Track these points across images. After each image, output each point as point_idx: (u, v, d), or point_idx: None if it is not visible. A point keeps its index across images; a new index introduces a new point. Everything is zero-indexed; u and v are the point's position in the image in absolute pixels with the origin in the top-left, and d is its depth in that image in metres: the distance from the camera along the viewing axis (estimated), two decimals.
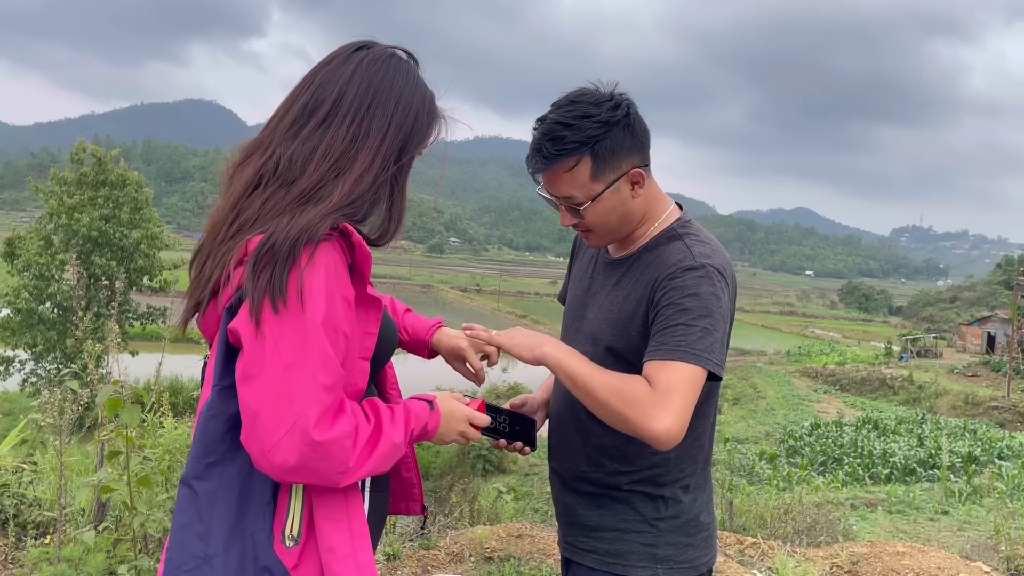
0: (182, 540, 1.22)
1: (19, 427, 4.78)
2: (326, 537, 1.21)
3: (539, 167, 1.60)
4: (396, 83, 1.34)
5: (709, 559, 1.69)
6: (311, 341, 1.14)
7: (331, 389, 1.15)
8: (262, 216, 1.23)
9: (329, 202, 1.23)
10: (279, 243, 1.17)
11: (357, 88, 1.31)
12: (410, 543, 4.38)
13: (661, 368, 1.46)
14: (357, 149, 1.29)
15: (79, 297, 5.66)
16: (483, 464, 18.88)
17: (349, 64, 1.33)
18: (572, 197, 1.58)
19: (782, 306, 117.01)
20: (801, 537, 6.29)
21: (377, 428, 1.23)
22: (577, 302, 1.81)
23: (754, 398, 35.33)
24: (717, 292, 1.52)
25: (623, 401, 1.44)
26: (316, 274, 1.17)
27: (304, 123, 1.30)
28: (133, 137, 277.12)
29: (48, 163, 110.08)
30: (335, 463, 1.15)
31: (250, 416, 1.14)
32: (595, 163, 1.55)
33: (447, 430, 1.41)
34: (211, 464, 1.23)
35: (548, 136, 1.55)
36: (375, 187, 1.30)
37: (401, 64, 1.38)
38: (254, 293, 1.16)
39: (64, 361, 23.73)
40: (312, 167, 1.26)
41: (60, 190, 25.03)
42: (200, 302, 1.28)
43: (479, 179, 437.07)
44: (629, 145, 1.58)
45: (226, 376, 1.22)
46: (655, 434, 1.41)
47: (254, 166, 1.28)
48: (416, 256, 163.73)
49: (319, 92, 1.31)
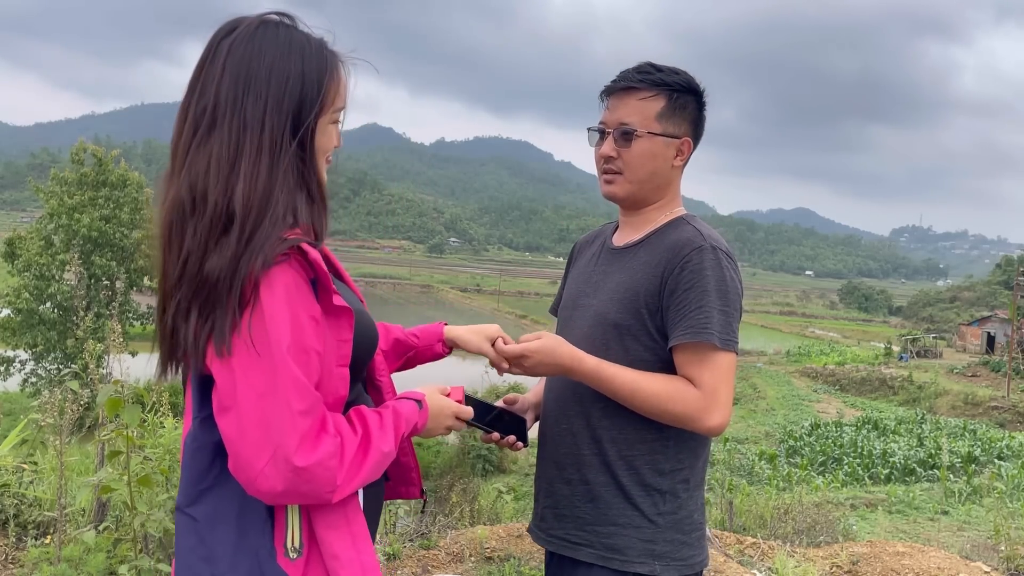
0: (188, 565, 1.23)
1: (19, 427, 4.77)
2: (329, 545, 1.22)
3: (617, 86, 1.70)
4: (265, 57, 1.22)
5: (703, 559, 1.69)
6: (279, 369, 1.12)
7: (307, 413, 1.13)
8: (196, 252, 1.17)
9: (236, 221, 1.15)
10: (214, 285, 1.14)
11: (228, 82, 1.21)
12: (410, 543, 4.38)
13: (700, 365, 1.57)
14: (241, 146, 1.19)
15: (80, 297, 5.67)
16: (483, 464, 18.86)
17: (218, 58, 1.23)
18: (631, 123, 1.67)
19: (782, 306, 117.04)
20: (801, 537, 6.29)
21: (365, 439, 1.23)
22: (578, 292, 1.81)
23: (754, 398, 35.32)
24: (732, 274, 1.61)
25: (675, 404, 1.56)
26: (276, 299, 1.14)
27: (193, 138, 1.21)
28: (133, 137, 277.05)
29: (48, 163, 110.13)
30: (322, 484, 1.15)
31: (233, 447, 1.14)
32: (667, 106, 1.67)
33: (434, 426, 1.42)
34: (204, 490, 1.24)
35: (638, 69, 1.69)
36: (276, 179, 1.19)
37: (268, 32, 1.24)
38: (200, 339, 1.15)
39: (64, 361, 23.75)
40: (211, 185, 1.17)
41: (60, 190, 25.06)
42: (174, 352, 1.24)
43: (479, 179, 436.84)
44: (694, 118, 1.72)
45: (204, 407, 1.23)
46: (709, 430, 1.58)
47: (171, 199, 1.21)
48: (416, 256, 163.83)
49: (200, 100, 1.22)
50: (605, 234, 1.87)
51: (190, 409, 1.28)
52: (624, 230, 1.79)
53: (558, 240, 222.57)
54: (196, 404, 1.24)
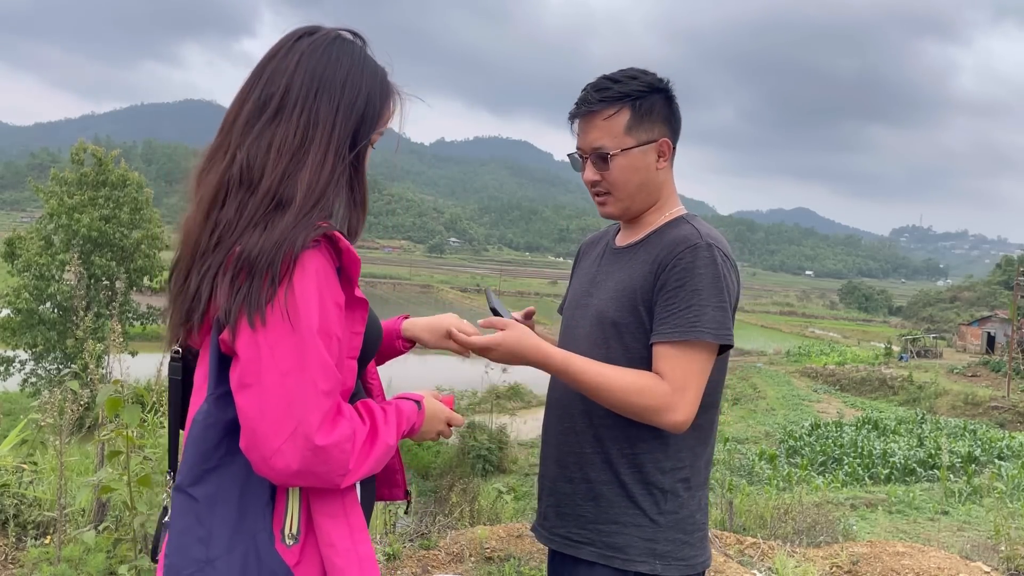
0: (182, 546, 1.22)
1: (19, 427, 4.78)
2: (326, 533, 1.23)
3: (580, 112, 1.69)
4: (341, 67, 1.31)
5: (705, 559, 1.69)
6: (308, 348, 1.15)
7: (330, 394, 1.16)
8: (239, 224, 1.22)
9: (295, 204, 1.21)
10: (254, 258, 1.16)
11: (302, 78, 1.28)
12: (410, 543, 4.38)
13: (671, 359, 1.56)
14: (310, 140, 1.26)
15: (79, 297, 5.66)
16: (483, 464, 18.87)
17: (293, 54, 1.30)
18: (603, 147, 1.66)
19: (782, 306, 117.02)
20: (801, 537, 6.29)
21: (373, 430, 1.25)
22: (581, 292, 1.82)
23: (754, 398, 35.33)
24: (724, 271, 1.59)
25: (641, 396, 1.54)
26: (308, 281, 1.17)
27: (255, 121, 1.27)
28: (133, 137, 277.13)
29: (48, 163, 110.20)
30: (336, 466, 1.17)
31: (249, 424, 1.15)
32: (632, 117, 1.66)
33: (428, 429, 1.45)
34: (208, 470, 1.23)
35: (595, 87, 1.68)
36: (335, 178, 1.27)
37: (346, 46, 1.34)
38: (233, 308, 1.16)
39: (64, 361, 23.75)
40: (270, 166, 1.24)
41: (60, 190, 25.04)
42: (191, 315, 1.26)
43: (479, 179, 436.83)
44: (665, 116, 1.70)
45: (221, 384, 1.23)
46: (674, 424, 1.55)
47: (217, 171, 1.27)
48: (416, 256, 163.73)
49: (267, 87, 1.29)
50: (609, 235, 1.89)
51: (198, 387, 1.28)
52: (626, 231, 1.81)
53: (558, 240, 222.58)
54: (213, 380, 1.23)
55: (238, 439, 1.19)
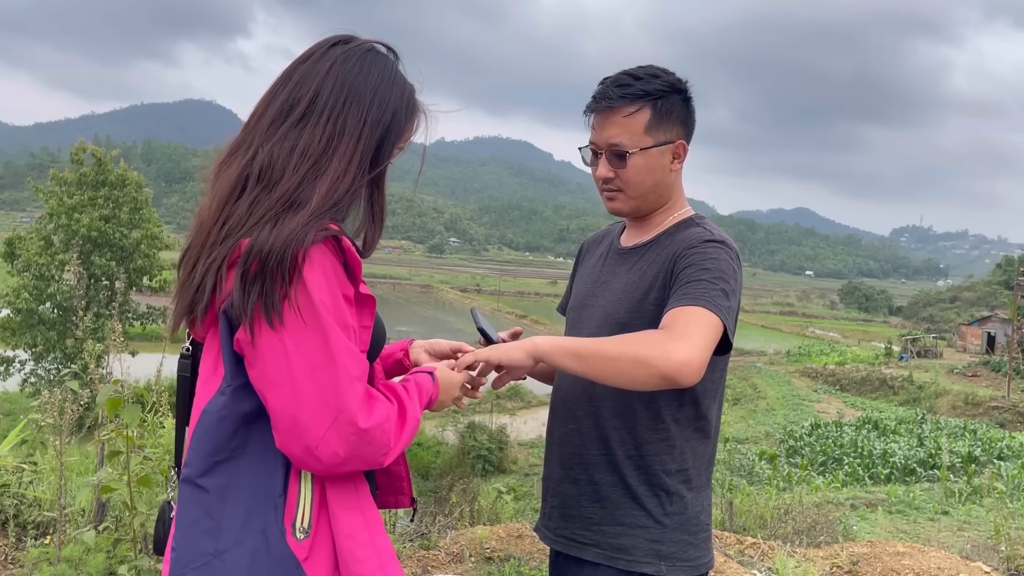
0: (189, 538, 1.22)
1: (19, 427, 4.77)
2: (343, 524, 1.23)
3: (600, 107, 1.66)
4: (372, 79, 1.32)
5: (708, 560, 1.69)
6: (331, 338, 1.16)
7: (361, 379, 1.19)
8: (250, 220, 1.22)
9: (310, 206, 1.22)
10: (265, 256, 1.17)
11: (333, 85, 1.29)
12: (410, 543, 4.38)
13: (678, 313, 1.47)
14: (334, 149, 1.27)
15: (79, 297, 5.67)
16: (483, 464, 18.88)
17: (325, 61, 1.31)
18: (621, 144, 1.64)
19: (782, 306, 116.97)
20: (801, 537, 6.30)
21: (401, 407, 1.27)
22: (586, 292, 1.81)
23: (754, 398, 35.34)
24: (735, 266, 1.59)
25: (637, 345, 1.42)
26: (318, 275, 1.18)
27: (282, 121, 1.28)
28: (133, 137, 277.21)
29: (48, 163, 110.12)
30: (380, 446, 1.19)
31: (287, 420, 1.15)
32: (653, 116, 1.63)
33: (444, 399, 1.47)
34: (220, 461, 1.23)
35: (616, 83, 1.64)
36: (354, 188, 1.28)
37: (378, 59, 1.35)
38: (247, 307, 1.16)
39: (64, 361, 23.73)
40: (291, 169, 1.24)
41: (60, 190, 25.03)
42: (194, 306, 1.27)
43: (479, 179, 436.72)
44: (683, 118, 1.68)
45: (238, 376, 1.23)
46: (677, 365, 1.37)
47: (237, 166, 1.27)
48: (416, 256, 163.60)
49: (296, 90, 1.29)
50: (613, 235, 1.88)
51: (204, 380, 1.28)
52: (632, 232, 1.80)
53: (558, 240, 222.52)
54: (230, 373, 1.23)
55: (252, 432, 1.20)
